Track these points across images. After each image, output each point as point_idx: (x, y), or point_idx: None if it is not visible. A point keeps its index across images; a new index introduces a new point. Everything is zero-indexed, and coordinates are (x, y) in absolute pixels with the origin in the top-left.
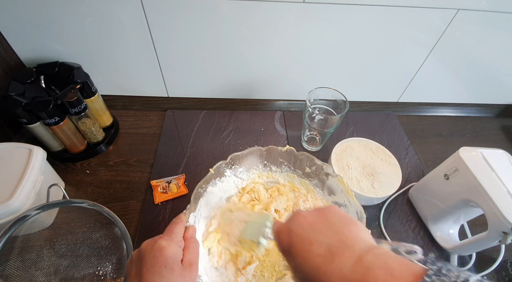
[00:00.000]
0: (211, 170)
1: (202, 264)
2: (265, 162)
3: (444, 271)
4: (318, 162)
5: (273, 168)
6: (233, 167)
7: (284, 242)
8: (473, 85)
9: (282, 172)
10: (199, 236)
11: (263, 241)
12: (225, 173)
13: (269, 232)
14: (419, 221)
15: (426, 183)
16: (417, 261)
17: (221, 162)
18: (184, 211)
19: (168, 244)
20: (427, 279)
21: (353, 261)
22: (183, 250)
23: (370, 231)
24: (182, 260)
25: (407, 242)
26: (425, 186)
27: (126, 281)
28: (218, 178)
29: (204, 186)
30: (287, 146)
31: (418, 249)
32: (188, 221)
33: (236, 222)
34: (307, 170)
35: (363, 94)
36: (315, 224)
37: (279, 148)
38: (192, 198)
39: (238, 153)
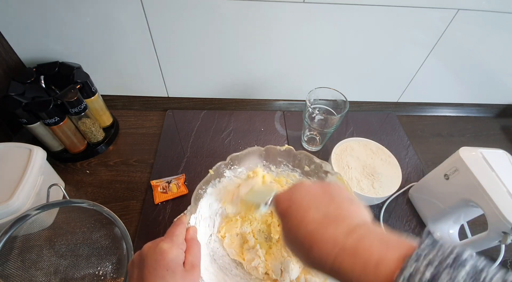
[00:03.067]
0: (210, 171)
1: (203, 265)
2: (264, 162)
3: (438, 245)
4: (317, 160)
5: (273, 168)
6: (232, 167)
7: (282, 205)
8: (473, 85)
9: (281, 171)
10: (201, 237)
11: (263, 207)
12: (224, 174)
13: (270, 201)
14: (419, 221)
15: (426, 183)
16: None
17: (220, 162)
18: (185, 212)
19: (170, 247)
20: (419, 251)
21: (347, 229)
22: (184, 252)
23: (368, 209)
24: (184, 262)
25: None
26: (425, 186)
27: None
28: (218, 179)
29: (204, 187)
30: (286, 145)
31: None
32: (189, 223)
33: (243, 186)
34: (306, 168)
35: (363, 94)
36: (316, 194)
37: (278, 147)
38: (192, 199)
39: (237, 153)
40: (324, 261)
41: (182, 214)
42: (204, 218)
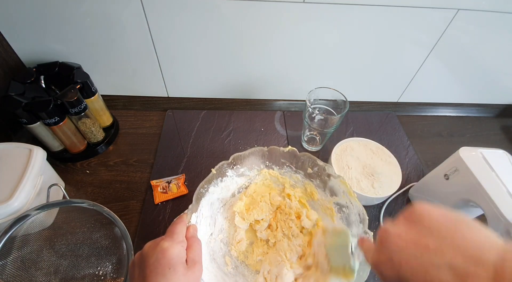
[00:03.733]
0: (213, 170)
1: (203, 265)
2: (267, 162)
3: None
4: (320, 162)
5: (275, 168)
6: (235, 167)
7: (391, 276)
8: (473, 85)
9: (284, 172)
10: (201, 236)
11: (356, 265)
12: (227, 173)
13: (356, 251)
14: None
15: (426, 183)
16: None
17: (223, 162)
18: (186, 211)
19: (171, 245)
20: None
21: (492, 276)
22: (186, 249)
23: (480, 223)
24: (186, 260)
25: None
26: (425, 186)
27: None
28: (220, 178)
29: (206, 186)
30: (289, 147)
31: None
32: (189, 221)
33: (315, 247)
34: (309, 170)
35: (363, 94)
36: (416, 242)
37: (281, 148)
38: (194, 198)
39: (240, 153)
40: None
41: (182, 214)
42: (205, 217)
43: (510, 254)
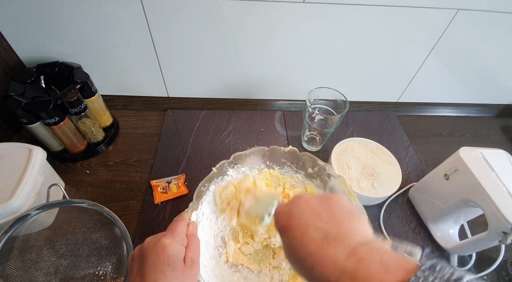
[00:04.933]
0: (214, 168)
1: (201, 262)
2: (268, 162)
3: (438, 268)
4: (321, 162)
5: (276, 168)
6: (235, 166)
7: (282, 222)
8: (473, 85)
9: (285, 172)
10: (201, 234)
11: (267, 219)
12: (227, 172)
13: (273, 211)
14: (419, 221)
15: (426, 183)
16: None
17: (224, 161)
18: (186, 210)
19: (171, 242)
20: (419, 274)
21: (348, 250)
22: (185, 248)
23: (371, 225)
24: (184, 258)
25: (408, 242)
26: (425, 186)
27: (127, 278)
28: (221, 177)
29: (206, 184)
30: (290, 146)
31: (417, 251)
32: (190, 219)
33: (249, 196)
34: (310, 170)
35: (363, 94)
36: (315, 209)
37: (282, 148)
38: (194, 197)
39: (241, 153)
40: (325, 281)
41: (183, 212)
42: (206, 215)
43: (372, 243)
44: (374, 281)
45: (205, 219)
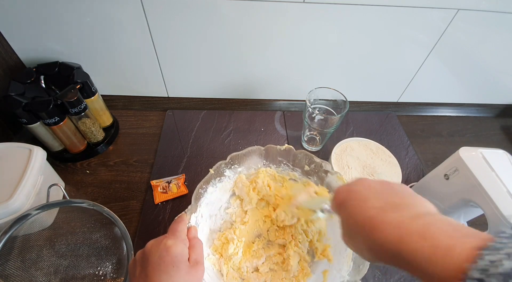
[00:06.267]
0: (211, 170)
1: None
2: (264, 161)
3: None
4: (317, 159)
5: (273, 167)
6: (232, 166)
7: (340, 197)
8: (473, 85)
9: (281, 170)
10: (201, 236)
11: (320, 213)
12: (224, 173)
13: (327, 207)
14: None
15: (426, 183)
16: None
17: (221, 162)
18: (185, 211)
19: (174, 243)
20: (498, 240)
21: (413, 214)
22: (188, 249)
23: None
24: (188, 259)
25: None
26: (425, 186)
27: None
28: (218, 178)
29: (204, 186)
30: (286, 144)
31: None
32: (189, 222)
33: (303, 194)
34: (306, 167)
35: (363, 94)
36: (376, 189)
37: (278, 146)
38: (192, 199)
39: (237, 153)
40: (388, 243)
41: (182, 213)
42: (205, 217)
43: (438, 215)
44: (445, 243)
45: (204, 221)
